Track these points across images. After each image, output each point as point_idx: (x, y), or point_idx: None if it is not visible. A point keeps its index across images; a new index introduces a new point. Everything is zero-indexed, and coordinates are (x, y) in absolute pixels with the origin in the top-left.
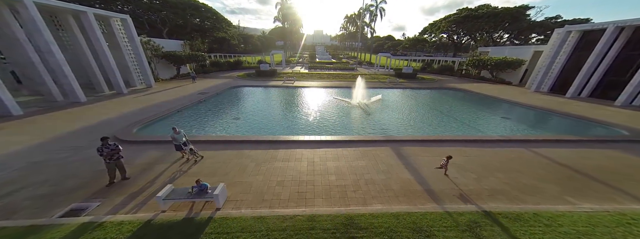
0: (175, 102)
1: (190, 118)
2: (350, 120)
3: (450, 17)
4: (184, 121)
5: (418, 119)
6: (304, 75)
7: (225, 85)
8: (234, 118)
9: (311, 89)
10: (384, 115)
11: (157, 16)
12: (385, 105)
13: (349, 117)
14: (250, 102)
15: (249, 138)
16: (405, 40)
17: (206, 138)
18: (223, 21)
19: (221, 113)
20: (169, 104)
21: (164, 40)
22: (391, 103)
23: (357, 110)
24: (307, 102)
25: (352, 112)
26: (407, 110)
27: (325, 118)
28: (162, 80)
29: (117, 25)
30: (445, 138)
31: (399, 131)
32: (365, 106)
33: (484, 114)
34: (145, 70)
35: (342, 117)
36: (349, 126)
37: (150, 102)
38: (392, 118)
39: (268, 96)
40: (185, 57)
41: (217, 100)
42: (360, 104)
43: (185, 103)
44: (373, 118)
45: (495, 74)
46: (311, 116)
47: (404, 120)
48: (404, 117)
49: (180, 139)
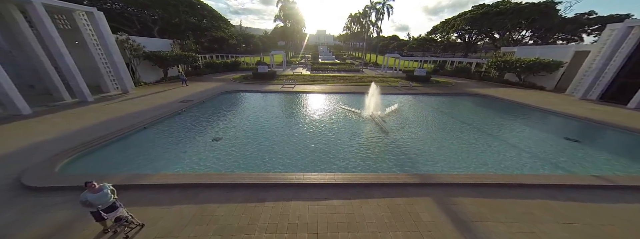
0: (147, 113)
1: (152, 139)
2: (364, 141)
3: (466, 14)
4: (141, 144)
5: (452, 140)
6: (305, 78)
7: (216, 90)
8: (213, 139)
9: (313, 95)
10: (407, 134)
11: (147, 13)
12: (405, 117)
13: (361, 136)
14: (240, 112)
15: (221, 178)
16: (413, 40)
17: (154, 180)
18: (220, 19)
19: (199, 129)
20: (137, 117)
21: (149, 39)
22: (411, 115)
23: (370, 125)
24: (307, 114)
25: (365, 129)
26: (434, 126)
27: (331, 139)
28: (145, 84)
29: (82, 19)
30: (521, 181)
31: (435, 161)
32: (380, 120)
33: (537, 132)
34: (119, 73)
35: (352, 138)
36: (363, 152)
37: (115, 113)
38: (417, 139)
39: (262, 104)
40: (171, 57)
41: (201, 109)
42: (373, 117)
43: (160, 114)
44: (393, 139)
45: (524, 78)
46: (312, 136)
47: (434, 141)
48: (433, 137)
49: (103, 201)
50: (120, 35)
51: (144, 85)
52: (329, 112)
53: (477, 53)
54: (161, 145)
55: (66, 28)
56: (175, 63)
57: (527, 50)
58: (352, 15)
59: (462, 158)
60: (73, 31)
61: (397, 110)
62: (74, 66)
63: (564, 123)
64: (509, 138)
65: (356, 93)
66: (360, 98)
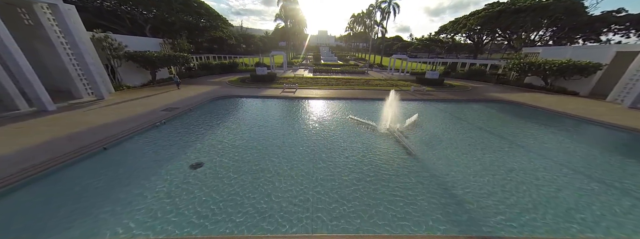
0: (115, 127)
1: (107, 166)
2: (385, 169)
3: (480, 12)
4: (86, 179)
5: (500, 166)
6: (307, 81)
7: (208, 95)
8: (191, 165)
9: (317, 102)
10: (439, 157)
11: (138, 11)
12: (429, 131)
13: (380, 161)
14: (232, 124)
15: None
16: (418, 41)
17: None
18: (218, 18)
19: (176, 150)
20: (99, 133)
21: (134, 38)
22: (436, 129)
23: (389, 143)
24: (310, 127)
25: (384, 149)
26: (468, 144)
27: (340, 166)
28: (129, 87)
29: (45, 13)
30: None
31: (494, 208)
32: (400, 135)
33: (613, 156)
34: (92, 76)
35: (369, 164)
36: (388, 190)
37: (73, 128)
38: (455, 165)
39: (259, 113)
40: (158, 58)
41: (185, 120)
42: (391, 131)
43: (131, 128)
44: (423, 165)
45: (551, 82)
46: (317, 158)
47: (479, 168)
48: (475, 162)
49: None
50: (96, 33)
51: (127, 89)
52: (336, 125)
53: (483, 54)
54: (116, 179)
55: (29, 24)
56: (164, 64)
57: (554, 51)
58: (354, 15)
59: (528, 198)
60: (37, 27)
61: (417, 122)
62: (28, 67)
63: (634, 141)
64: (573, 162)
65: (365, 99)
66: (371, 106)
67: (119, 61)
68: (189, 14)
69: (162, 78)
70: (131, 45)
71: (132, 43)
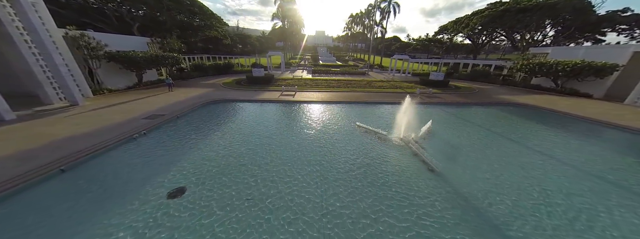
0: (87, 140)
1: (59, 195)
2: (406, 192)
3: (484, 11)
4: (32, 212)
5: (543, 189)
6: (307, 83)
7: (198, 99)
8: (169, 193)
9: (318, 106)
10: (466, 173)
11: (125, 8)
12: (448, 141)
13: (399, 181)
14: (224, 135)
15: None
16: (416, 41)
17: None
18: (213, 17)
19: (153, 169)
20: (60, 149)
21: (116, 36)
22: (454, 137)
23: (406, 156)
24: (314, 137)
25: (400, 163)
26: (493, 155)
27: (356, 193)
28: (111, 91)
29: (4, 7)
30: None
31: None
32: (418, 147)
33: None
34: (63, 79)
35: (388, 187)
36: (416, 222)
37: (32, 142)
38: (487, 183)
39: (255, 121)
40: (143, 59)
41: (169, 131)
42: (406, 141)
43: (102, 142)
44: (451, 185)
45: (562, 83)
46: (325, 181)
47: (512, 187)
48: (511, 181)
49: None
50: (69, 30)
51: (109, 93)
52: (343, 134)
53: (480, 55)
54: (70, 215)
55: None
56: (150, 65)
57: (565, 51)
58: (353, 15)
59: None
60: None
61: (431, 130)
62: None
63: None
64: (626, 179)
65: (370, 102)
66: (377, 110)
67: (97, 62)
68: (181, 12)
69: (150, 80)
70: (113, 44)
71: (114, 42)
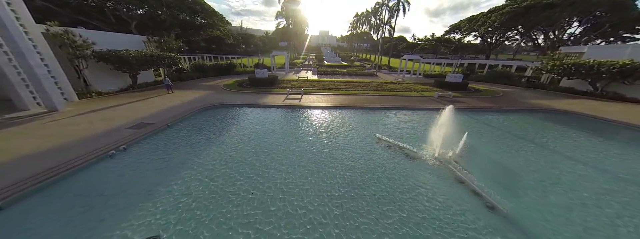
0: (49, 159)
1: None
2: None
3: (503, 8)
4: None
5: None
6: (313, 85)
7: (197, 104)
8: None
9: (329, 112)
10: (542, 216)
11: (122, 6)
12: (492, 159)
13: (448, 231)
14: (221, 149)
15: None
16: (425, 41)
17: None
18: (215, 16)
19: (129, 204)
20: (15, 171)
21: (107, 34)
22: (500, 155)
23: (446, 183)
24: (327, 155)
25: (441, 196)
26: (569, 182)
27: None
28: (100, 94)
29: None
30: None
31: None
32: (459, 168)
33: None
34: (40, 82)
35: (431, 233)
36: None
37: None
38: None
39: (258, 131)
40: (136, 59)
41: (158, 142)
42: (444, 161)
43: (75, 158)
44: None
45: (603, 87)
46: (346, 226)
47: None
48: (597, 223)
49: None
50: (50, 25)
51: (98, 96)
52: (362, 151)
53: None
54: None
55: None
56: (144, 66)
57: (605, 51)
58: (358, 14)
59: None
60: None
61: (470, 144)
62: None
63: None
64: None
65: (386, 108)
66: (396, 117)
67: (84, 62)
68: (182, 11)
69: (146, 82)
70: (103, 42)
71: (104, 40)
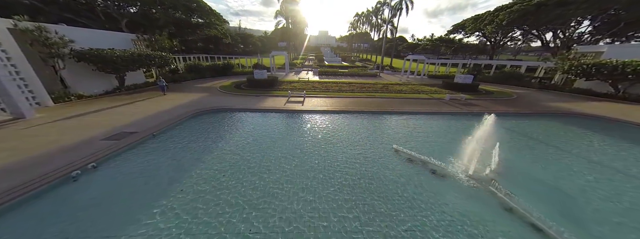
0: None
1: None
2: None
3: (511, 6)
4: None
5: None
6: (315, 86)
7: (189, 108)
8: None
9: (335, 118)
10: None
11: (112, 3)
12: (535, 178)
13: None
14: (214, 165)
15: None
16: (426, 41)
17: None
18: (212, 14)
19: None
20: None
21: (88, 31)
22: (542, 171)
23: (492, 210)
24: (339, 175)
25: (483, 224)
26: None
27: None
28: (80, 98)
29: None
30: None
31: None
32: (504, 192)
33: None
34: (3, 86)
35: None
36: None
37: None
38: None
39: (257, 140)
40: (121, 58)
41: (137, 158)
42: (482, 181)
43: (25, 183)
44: None
45: (626, 88)
46: None
47: None
48: None
49: None
50: (18, 20)
51: (77, 100)
52: (378, 166)
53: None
54: None
55: None
56: (131, 66)
57: (627, 50)
58: (358, 14)
59: None
60: None
61: (503, 156)
62: None
63: None
64: None
65: (396, 112)
66: (410, 123)
67: (61, 62)
68: (177, 9)
69: (135, 83)
70: (84, 40)
71: (86, 38)
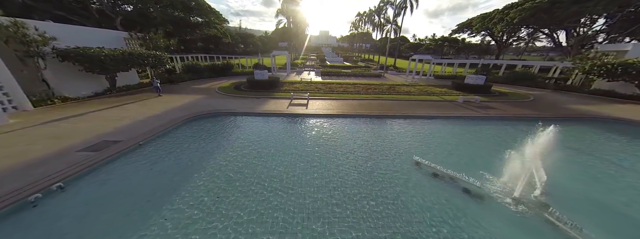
0: None
1: None
2: None
3: (523, 3)
4: None
5: None
6: (319, 87)
7: (183, 112)
8: None
9: (343, 123)
10: None
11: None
12: (597, 200)
13: None
14: (209, 183)
15: None
16: (429, 41)
17: None
18: (211, 13)
19: None
20: None
21: (78, 28)
22: (597, 188)
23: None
24: (352, 187)
25: None
26: None
27: None
28: (65, 100)
29: None
30: None
31: None
32: (558, 218)
33: None
34: None
35: None
36: None
37: None
38: None
39: (255, 146)
40: (110, 58)
41: (117, 173)
42: (530, 205)
43: None
44: None
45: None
46: None
47: None
48: None
49: None
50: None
51: (62, 102)
52: (395, 180)
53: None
54: None
55: None
56: (121, 67)
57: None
58: (360, 13)
59: None
60: None
61: (548, 172)
62: None
63: None
64: None
65: (409, 117)
66: (427, 129)
67: (42, 61)
68: (174, 6)
69: (128, 84)
70: (69, 38)
71: (71, 36)
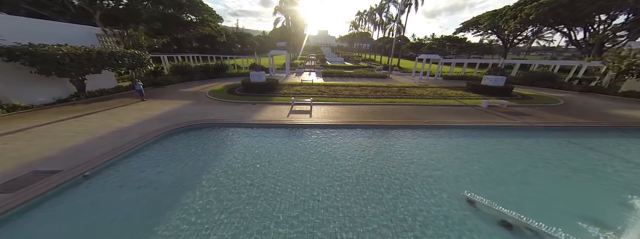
0: None
1: None
2: None
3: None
4: None
5: None
6: (322, 90)
7: (163, 122)
8: None
9: (354, 135)
10: None
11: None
12: None
13: None
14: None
15: None
16: (432, 40)
17: None
18: (204, 10)
19: None
20: None
21: (34, 22)
22: None
23: None
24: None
25: None
26: None
27: None
28: (15, 109)
29: None
30: None
31: None
32: None
33: None
34: None
35: None
36: None
37: None
38: None
39: (241, 186)
40: (69, 58)
41: (41, 230)
42: None
43: None
44: None
45: None
46: None
47: None
48: None
49: None
50: None
51: (7, 113)
52: (452, 234)
53: (494, 55)
54: None
55: None
56: (85, 67)
57: None
58: (360, 12)
59: None
60: None
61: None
62: None
63: None
64: None
65: (434, 127)
66: (461, 145)
67: None
68: (163, 3)
69: (103, 88)
70: (23, 33)
71: (25, 31)
